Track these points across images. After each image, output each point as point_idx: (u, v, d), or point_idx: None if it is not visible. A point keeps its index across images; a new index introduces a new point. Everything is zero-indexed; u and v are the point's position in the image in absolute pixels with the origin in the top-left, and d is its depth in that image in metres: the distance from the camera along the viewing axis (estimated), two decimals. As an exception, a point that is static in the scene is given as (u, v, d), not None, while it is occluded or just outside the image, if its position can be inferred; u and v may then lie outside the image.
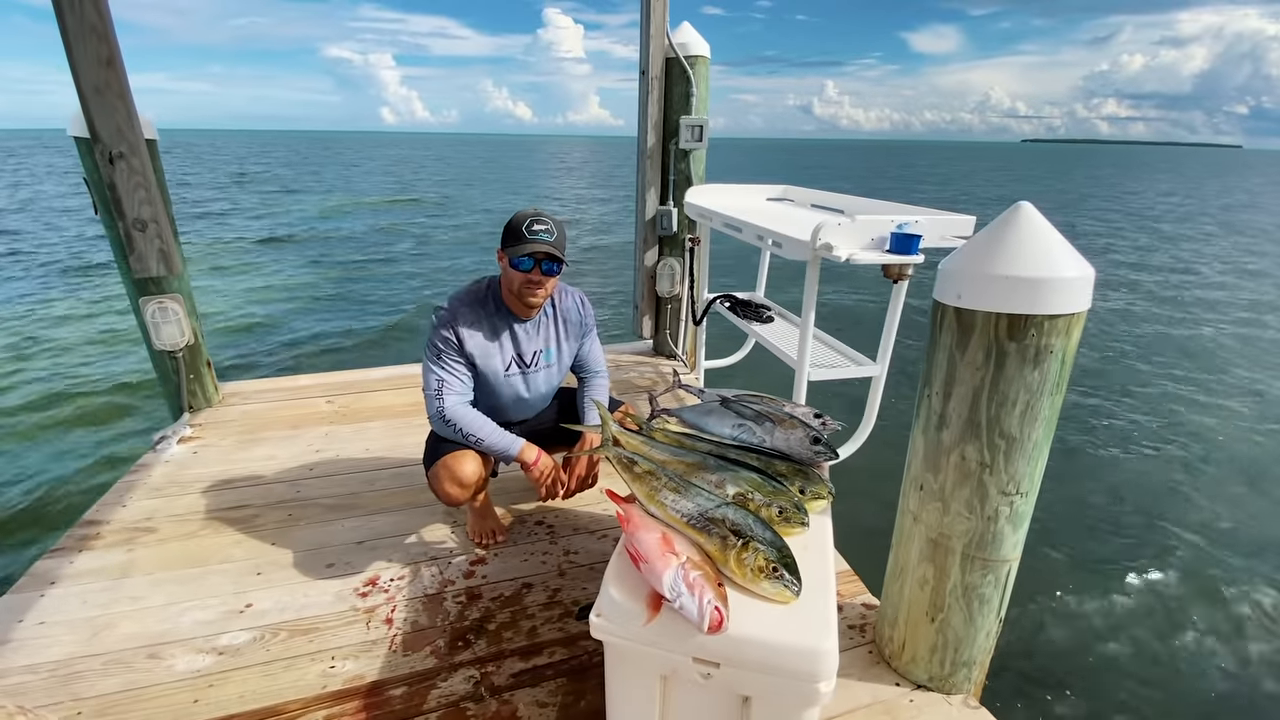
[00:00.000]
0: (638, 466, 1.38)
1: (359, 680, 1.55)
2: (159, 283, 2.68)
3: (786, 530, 1.26)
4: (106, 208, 2.50)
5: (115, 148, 2.41)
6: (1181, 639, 2.85)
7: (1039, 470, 1.32)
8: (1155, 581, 3.22)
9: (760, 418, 1.58)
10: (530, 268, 1.72)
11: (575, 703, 1.50)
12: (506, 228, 1.74)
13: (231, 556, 2.00)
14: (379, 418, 2.99)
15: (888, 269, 1.98)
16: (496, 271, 1.87)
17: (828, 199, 2.94)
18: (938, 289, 1.31)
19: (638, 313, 3.71)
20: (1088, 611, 3.00)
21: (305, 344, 6.99)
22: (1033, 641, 2.77)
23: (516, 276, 1.74)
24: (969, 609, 1.43)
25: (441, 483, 1.81)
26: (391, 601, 1.81)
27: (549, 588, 1.89)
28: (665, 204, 3.39)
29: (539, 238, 1.69)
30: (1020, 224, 1.21)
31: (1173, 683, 2.61)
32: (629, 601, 1.12)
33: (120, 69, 2.36)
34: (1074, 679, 2.60)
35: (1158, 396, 5.60)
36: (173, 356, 2.81)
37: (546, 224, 1.71)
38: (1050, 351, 1.20)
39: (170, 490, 2.37)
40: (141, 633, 1.68)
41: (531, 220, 1.70)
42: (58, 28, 2.27)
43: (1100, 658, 2.73)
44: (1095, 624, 2.93)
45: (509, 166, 42.26)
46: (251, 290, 9.21)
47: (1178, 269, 11.22)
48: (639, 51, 3.16)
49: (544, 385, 2.00)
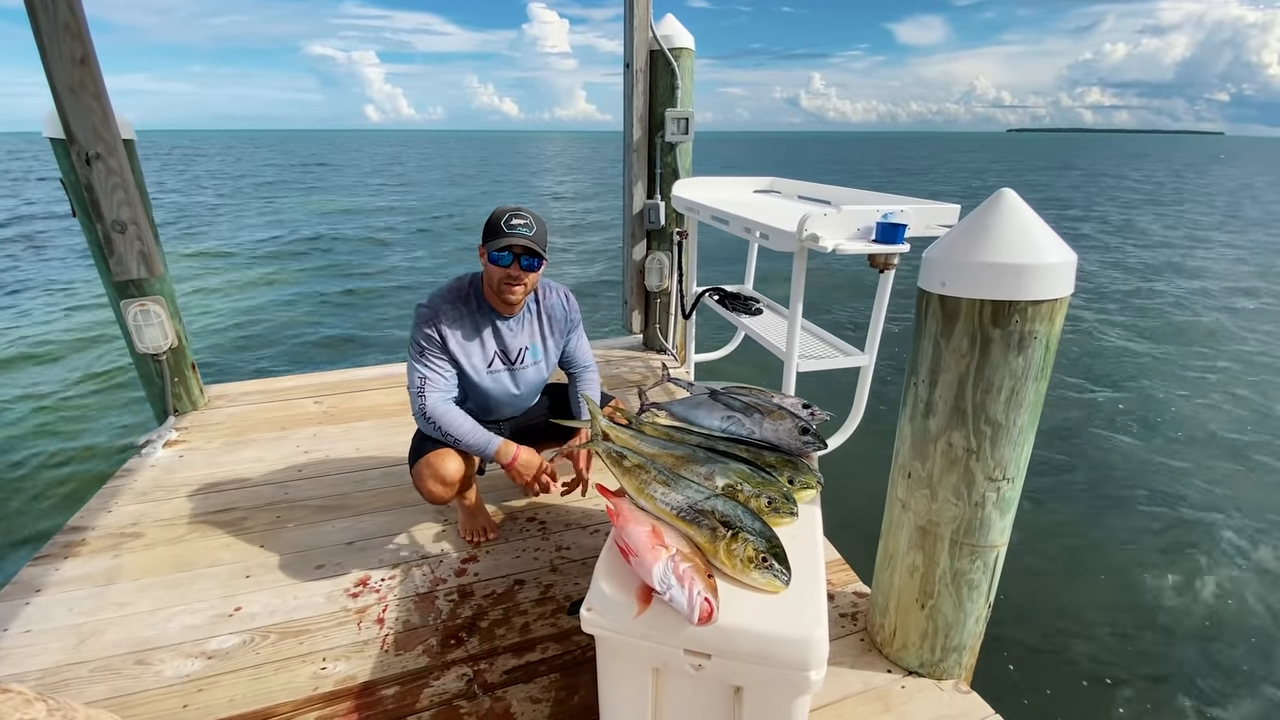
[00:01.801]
0: (627, 460, 1.38)
1: (351, 681, 1.54)
2: (140, 285, 2.64)
3: (776, 520, 1.26)
4: (84, 210, 2.46)
5: (92, 148, 2.37)
6: (1170, 618, 2.90)
7: (1025, 456, 1.33)
8: (1143, 563, 3.26)
9: (749, 409, 1.58)
10: (509, 263, 1.70)
11: (569, 698, 1.50)
12: (486, 223, 1.72)
13: (220, 560, 1.98)
14: (368, 417, 2.97)
15: (874, 259, 1.98)
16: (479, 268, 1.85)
17: (815, 190, 2.94)
18: (922, 277, 1.31)
19: (627, 308, 3.71)
20: (1076, 594, 3.04)
21: (292, 345, 6.93)
22: (1022, 626, 2.80)
23: (496, 272, 1.73)
24: (958, 595, 1.44)
25: (424, 481, 1.80)
26: (383, 601, 1.80)
27: (541, 584, 1.88)
28: (652, 198, 3.39)
29: (517, 232, 1.67)
30: (1003, 211, 1.21)
31: (1162, 661, 2.66)
32: (620, 595, 1.12)
33: (95, 68, 2.32)
34: (1064, 662, 2.64)
35: (1141, 379, 5.66)
36: (156, 360, 2.78)
37: (525, 218, 1.69)
38: (1034, 337, 1.21)
39: (156, 495, 2.34)
40: (128, 639, 1.66)
41: (510, 215, 1.69)
42: (30, 28, 2.24)
43: (1090, 640, 2.76)
44: (1084, 607, 2.96)
45: (492, 164, 42.00)
46: (236, 292, 9.12)
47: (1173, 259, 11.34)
48: (623, 45, 3.14)
49: (531, 382, 1.99)
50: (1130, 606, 2.97)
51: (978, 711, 1.46)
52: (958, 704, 1.47)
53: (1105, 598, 3.03)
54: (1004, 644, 2.65)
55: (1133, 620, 2.89)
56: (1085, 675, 2.57)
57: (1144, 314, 7.79)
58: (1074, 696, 2.47)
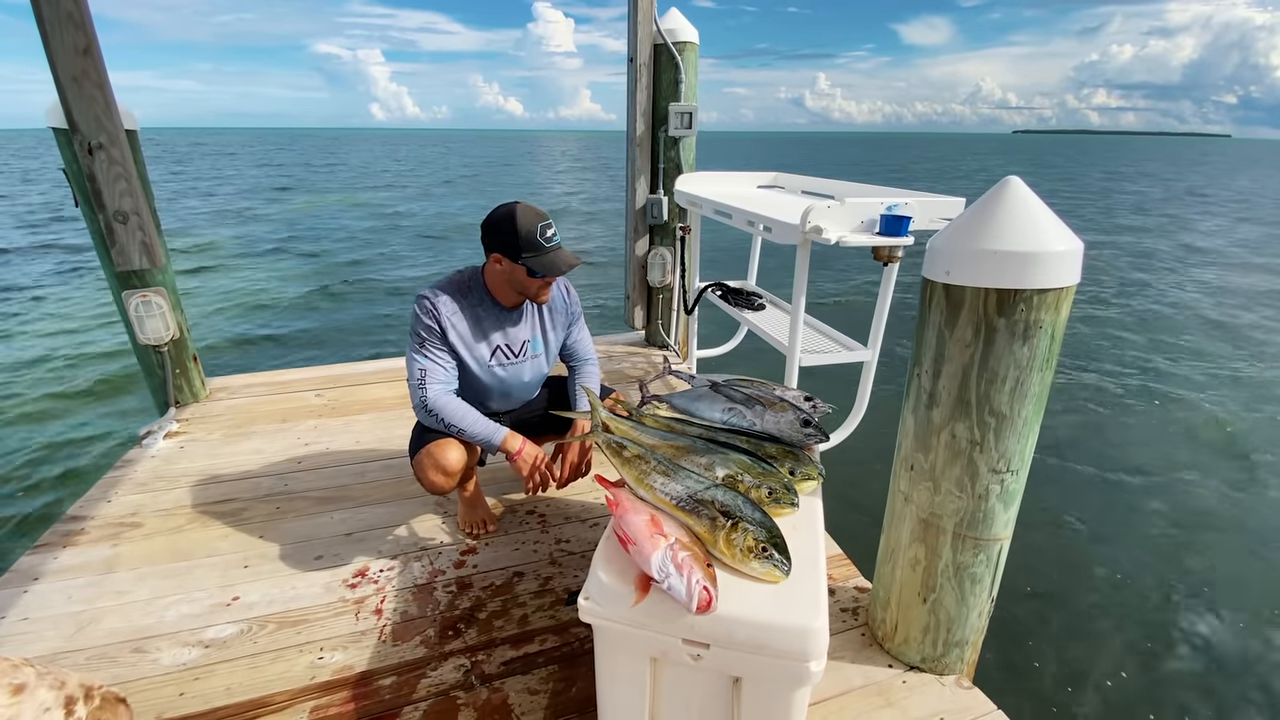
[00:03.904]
0: (627, 451, 1.37)
1: (348, 671, 1.53)
2: (142, 276, 2.64)
3: (776, 511, 1.25)
4: (86, 199, 2.46)
5: (94, 138, 2.36)
6: (1175, 613, 2.87)
7: (1029, 448, 1.32)
8: (1148, 557, 3.24)
9: (750, 401, 1.57)
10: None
11: (567, 689, 1.49)
12: (511, 233, 1.65)
13: (218, 550, 1.98)
14: (369, 410, 2.96)
15: (878, 251, 1.97)
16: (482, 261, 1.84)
17: (818, 185, 2.92)
18: (926, 266, 1.30)
19: (629, 303, 3.69)
20: (1080, 589, 3.01)
21: (294, 338, 6.94)
22: (1025, 621, 2.78)
23: (532, 283, 1.74)
24: (961, 589, 1.43)
25: (425, 471, 1.79)
26: (381, 592, 1.80)
27: (540, 576, 1.87)
28: (655, 192, 3.37)
29: (554, 243, 1.70)
30: (1008, 199, 1.19)
31: (1166, 656, 2.63)
32: (617, 584, 1.10)
33: (98, 58, 2.32)
34: (1067, 657, 2.61)
35: (1145, 371, 5.62)
36: (158, 351, 2.77)
37: (552, 225, 1.71)
38: (1039, 327, 1.19)
39: (156, 485, 2.34)
40: (126, 627, 1.66)
41: (542, 225, 1.68)
42: (34, 19, 2.24)
43: (1093, 635, 2.74)
44: (1088, 602, 2.94)
45: (494, 163, 42.06)
46: (239, 285, 9.14)
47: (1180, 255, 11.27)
48: (626, 39, 3.13)
49: (531, 375, 1.98)
50: (1135, 601, 2.95)
51: (979, 707, 1.44)
52: (960, 699, 1.46)
53: (1110, 593, 3.00)
54: (1006, 639, 2.63)
55: (1138, 615, 2.87)
56: (1089, 671, 2.55)
57: (1147, 304, 7.75)
58: (1077, 692, 2.45)
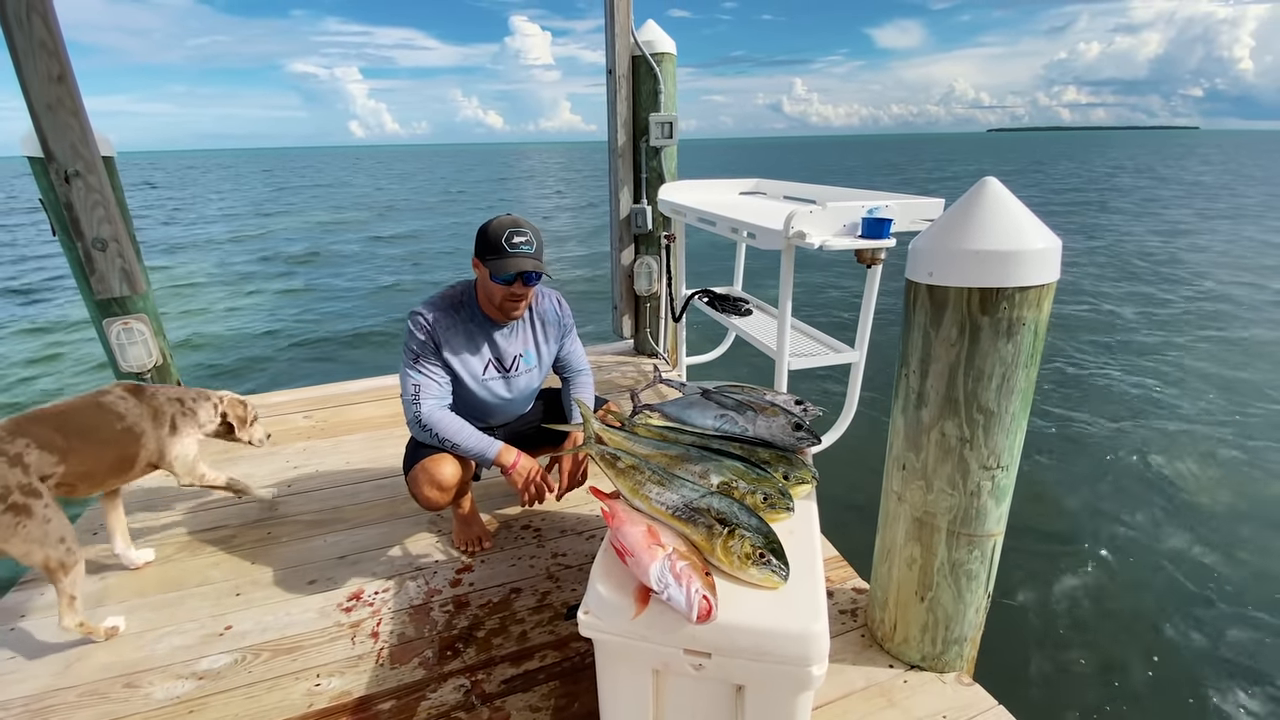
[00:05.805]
0: (621, 462, 1.37)
1: (346, 696, 1.51)
2: (123, 303, 2.61)
3: (772, 516, 1.25)
4: (64, 228, 2.43)
5: (71, 166, 2.34)
6: (1174, 604, 2.90)
7: (1018, 443, 1.33)
8: (1145, 549, 3.27)
9: (741, 407, 1.57)
10: (513, 281, 1.68)
11: (569, 705, 1.48)
12: (484, 237, 1.68)
13: (209, 579, 1.94)
14: (359, 430, 2.94)
15: (860, 254, 1.99)
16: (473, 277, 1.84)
17: (800, 190, 2.96)
18: (909, 268, 1.32)
19: (617, 313, 3.70)
20: (1077, 582, 3.04)
21: (280, 361, 6.87)
22: (1023, 616, 2.80)
23: (498, 290, 1.71)
24: (957, 586, 1.44)
25: (420, 486, 1.78)
26: (377, 615, 1.77)
27: (538, 591, 1.86)
28: (639, 202, 3.39)
29: (520, 250, 1.65)
30: (987, 199, 1.22)
31: (1167, 648, 2.65)
32: (617, 597, 1.10)
33: (73, 85, 2.30)
34: (1067, 651, 2.63)
35: (1131, 366, 5.71)
36: (141, 378, 2.74)
37: (526, 234, 1.67)
38: (1023, 324, 1.21)
39: (143, 515, 2.30)
40: (117, 662, 1.62)
41: (511, 231, 1.65)
42: (5, 46, 2.22)
43: (1092, 628, 2.76)
44: (1085, 594, 2.96)
45: (476, 178, 42.04)
46: (222, 309, 9.04)
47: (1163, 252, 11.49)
48: (605, 51, 3.16)
49: (525, 388, 1.98)
50: (1133, 593, 2.98)
51: (981, 704, 1.45)
52: (961, 697, 1.47)
53: (1107, 585, 3.03)
54: (1005, 636, 2.64)
55: (1136, 607, 2.89)
56: (1089, 664, 2.57)
57: (1135, 292, 7.88)
58: (1078, 686, 2.47)
